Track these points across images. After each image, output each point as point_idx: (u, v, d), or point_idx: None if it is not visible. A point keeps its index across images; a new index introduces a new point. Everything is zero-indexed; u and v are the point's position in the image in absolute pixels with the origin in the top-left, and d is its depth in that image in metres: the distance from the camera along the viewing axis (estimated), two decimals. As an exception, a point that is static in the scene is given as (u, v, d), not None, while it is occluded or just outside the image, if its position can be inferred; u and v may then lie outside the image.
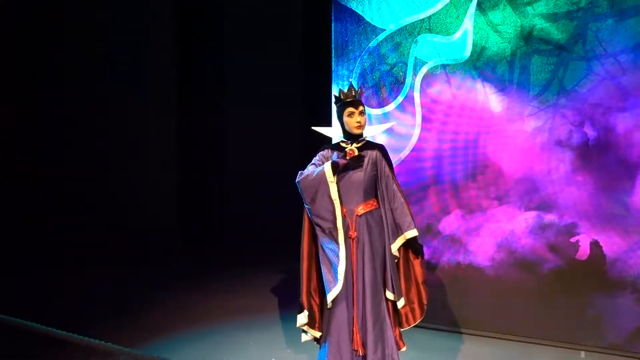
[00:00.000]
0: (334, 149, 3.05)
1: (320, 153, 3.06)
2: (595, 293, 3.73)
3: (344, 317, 2.88)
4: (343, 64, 4.39)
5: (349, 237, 2.90)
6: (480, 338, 4.04)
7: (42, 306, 4.79)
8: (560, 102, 3.76)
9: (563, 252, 3.82)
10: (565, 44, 3.72)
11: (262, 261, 6.33)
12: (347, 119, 2.94)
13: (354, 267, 2.89)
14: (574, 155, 3.76)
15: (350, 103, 2.92)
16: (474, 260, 4.08)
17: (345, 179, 2.93)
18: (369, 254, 2.91)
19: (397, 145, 4.21)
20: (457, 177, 4.08)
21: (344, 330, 2.88)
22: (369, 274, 2.89)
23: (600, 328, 3.73)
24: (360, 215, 2.93)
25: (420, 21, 4.12)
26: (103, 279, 5.85)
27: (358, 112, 2.93)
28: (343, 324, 2.88)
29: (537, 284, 3.90)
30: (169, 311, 4.77)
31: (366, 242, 2.92)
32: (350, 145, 2.94)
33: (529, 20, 3.80)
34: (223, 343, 4.01)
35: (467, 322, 4.13)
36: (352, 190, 2.94)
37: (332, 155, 3.02)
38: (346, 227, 2.91)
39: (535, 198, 3.89)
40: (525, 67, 3.83)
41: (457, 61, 4.03)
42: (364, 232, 2.92)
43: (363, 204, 2.95)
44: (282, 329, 4.31)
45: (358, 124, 2.92)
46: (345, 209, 2.92)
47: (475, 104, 4.00)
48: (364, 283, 2.89)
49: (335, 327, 2.89)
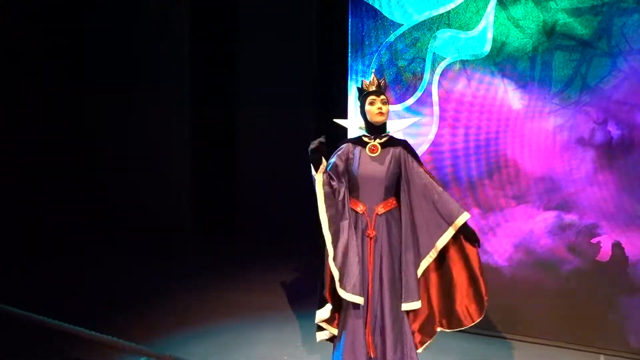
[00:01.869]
0: (356, 144, 2.92)
1: (343, 147, 2.92)
2: (616, 296, 3.65)
3: (360, 317, 2.81)
4: (359, 59, 4.33)
5: (367, 236, 2.82)
6: (497, 339, 3.97)
7: (55, 301, 4.79)
8: (583, 100, 3.66)
9: (583, 253, 3.73)
10: (589, 40, 3.62)
11: (274, 258, 6.29)
12: (368, 108, 2.85)
13: (370, 267, 2.81)
14: (596, 154, 3.67)
15: (372, 92, 2.85)
16: (491, 260, 4.00)
17: (366, 175, 2.84)
18: (388, 254, 2.83)
19: (413, 142, 4.12)
20: (475, 175, 4.00)
21: (359, 331, 2.81)
22: (388, 274, 2.81)
23: (622, 332, 3.65)
24: (380, 215, 2.84)
25: (439, 16, 4.04)
26: (112, 275, 5.85)
27: (380, 100, 2.83)
28: (358, 324, 2.81)
29: (556, 286, 3.81)
30: (180, 308, 4.74)
31: (384, 241, 2.83)
32: (374, 140, 2.87)
33: (552, 15, 3.71)
34: (235, 340, 3.98)
35: (483, 323, 4.03)
36: (373, 188, 2.85)
37: (354, 150, 2.89)
38: (364, 225, 2.83)
39: (555, 197, 3.80)
40: (547, 63, 3.74)
41: (476, 57, 3.95)
42: (383, 231, 2.83)
43: (384, 202, 2.86)
44: (294, 326, 4.27)
45: (379, 110, 2.82)
46: (365, 207, 2.84)
47: (494, 101, 3.91)
48: (381, 283, 2.81)
49: (350, 328, 2.82)
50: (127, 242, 6.85)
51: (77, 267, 6.07)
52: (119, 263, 6.31)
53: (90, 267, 6.12)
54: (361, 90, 2.91)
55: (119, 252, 6.68)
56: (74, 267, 6.08)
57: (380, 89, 2.87)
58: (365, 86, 2.88)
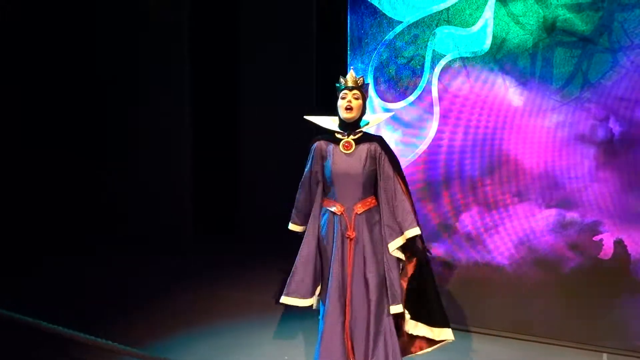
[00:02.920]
0: (328, 141, 2.84)
1: (314, 149, 2.86)
2: (619, 294, 3.62)
3: (337, 326, 2.71)
4: (359, 57, 4.30)
5: (346, 237, 2.73)
6: (499, 338, 3.94)
7: (51, 303, 4.77)
8: (584, 96, 3.63)
9: (585, 251, 3.70)
10: (589, 36, 3.59)
11: (275, 257, 6.25)
12: (339, 102, 2.77)
13: (349, 270, 2.72)
14: (597, 151, 3.64)
15: (346, 87, 2.76)
16: (492, 258, 3.97)
17: (340, 173, 2.74)
18: (372, 255, 2.74)
19: (414, 139, 4.12)
20: (476, 173, 3.97)
21: (336, 336, 2.71)
22: (374, 279, 2.72)
23: (624, 330, 3.62)
24: (359, 214, 2.75)
25: (438, 13, 4.00)
26: (112, 275, 5.83)
27: (351, 95, 2.73)
28: (335, 333, 2.71)
29: (558, 284, 3.78)
30: (180, 308, 4.71)
31: (367, 242, 2.74)
32: (347, 137, 2.78)
33: (552, 11, 3.67)
34: (235, 341, 3.96)
35: (485, 322, 4.03)
36: (350, 186, 2.75)
37: (327, 147, 2.82)
38: (343, 226, 2.74)
39: (556, 195, 3.77)
40: (547, 59, 3.71)
41: (476, 54, 3.91)
42: (364, 232, 2.74)
43: (362, 201, 2.77)
44: (295, 327, 4.25)
45: (348, 104, 2.71)
46: (343, 207, 2.75)
47: (495, 98, 3.88)
48: (367, 286, 2.72)
49: (327, 331, 2.73)
50: (126, 242, 6.83)
51: (76, 268, 6.05)
52: (119, 263, 6.29)
53: (90, 267, 6.11)
54: (337, 87, 2.83)
55: (118, 253, 6.66)
56: (72, 267, 6.07)
57: (356, 85, 2.76)
58: (342, 82, 2.79)
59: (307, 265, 2.82)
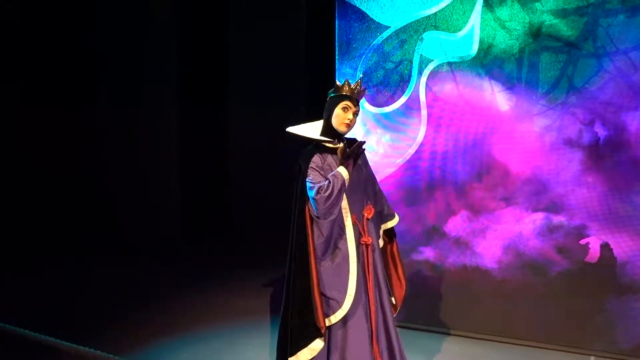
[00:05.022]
0: (322, 152, 2.65)
1: (314, 161, 2.61)
2: (605, 297, 3.64)
3: (364, 332, 2.60)
4: (347, 62, 4.31)
5: (362, 244, 2.66)
6: (487, 342, 3.95)
7: (36, 310, 4.71)
8: (570, 101, 3.66)
9: (572, 254, 3.72)
10: (575, 41, 3.62)
11: (265, 261, 6.24)
12: (338, 112, 2.60)
13: (369, 277, 2.65)
14: (583, 155, 3.66)
15: (349, 98, 2.60)
16: (480, 262, 3.98)
17: (352, 181, 2.63)
18: (379, 259, 2.75)
19: (401, 144, 4.12)
20: (463, 178, 3.99)
21: (364, 346, 2.58)
22: (384, 282, 2.74)
23: (611, 333, 3.64)
24: (369, 219, 2.72)
25: (425, 18, 4.03)
26: (101, 279, 5.78)
27: (353, 111, 2.61)
28: (363, 340, 2.59)
29: (546, 287, 3.80)
30: (169, 313, 4.68)
31: (376, 247, 2.74)
32: (339, 144, 2.67)
33: (538, 17, 3.71)
34: (224, 346, 3.93)
35: (473, 326, 4.04)
36: (359, 193, 2.70)
37: (325, 160, 2.63)
38: (357, 233, 2.66)
39: (543, 199, 3.79)
40: (533, 64, 3.74)
41: (463, 59, 3.94)
42: (373, 237, 2.72)
43: (367, 206, 2.75)
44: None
45: (349, 121, 2.60)
46: (355, 216, 2.66)
47: (482, 103, 3.91)
48: (380, 292, 2.70)
49: (353, 345, 2.57)
50: (114, 245, 6.77)
51: (62, 272, 5.99)
52: (107, 267, 6.24)
53: (77, 271, 6.05)
54: (339, 88, 2.64)
55: (106, 256, 6.61)
56: (59, 271, 6.01)
57: (359, 97, 2.66)
58: (347, 87, 2.62)
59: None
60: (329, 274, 2.57)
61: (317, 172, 2.58)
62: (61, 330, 3.95)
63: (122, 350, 3.67)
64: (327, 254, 2.59)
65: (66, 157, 7.03)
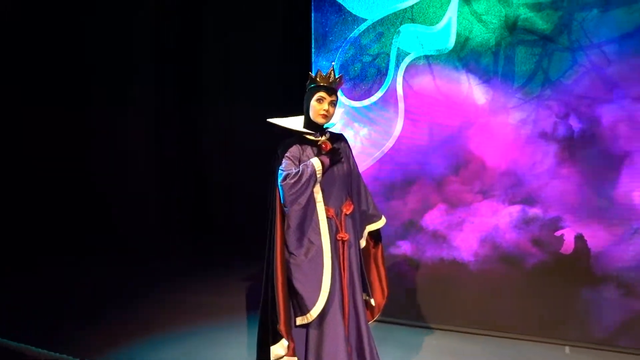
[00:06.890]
0: (302, 144, 2.65)
1: (291, 151, 2.60)
2: (580, 287, 3.69)
3: (340, 330, 2.55)
4: (323, 55, 4.27)
5: (338, 240, 2.63)
6: (464, 335, 3.97)
7: (9, 315, 4.57)
8: (545, 94, 3.69)
9: (547, 246, 3.76)
10: (550, 35, 3.65)
11: (244, 259, 6.18)
12: (314, 104, 2.59)
13: (344, 273, 2.62)
14: (558, 148, 3.70)
15: (324, 88, 2.58)
16: (457, 255, 4.00)
17: (328, 176, 2.61)
18: (355, 257, 2.70)
19: (379, 138, 4.11)
20: (441, 171, 3.99)
21: (341, 347, 2.53)
22: (359, 280, 2.69)
23: (585, 323, 3.69)
24: (347, 215, 2.69)
25: (402, 11, 4.01)
26: (78, 280, 5.64)
27: (329, 101, 2.58)
28: (339, 338, 2.53)
29: (522, 279, 3.83)
30: (147, 312, 4.58)
31: (353, 244, 2.69)
32: (321, 137, 2.68)
33: (514, 10, 3.72)
34: (203, 344, 3.85)
35: (450, 319, 4.06)
36: (337, 188, 2.66)
37: (304, 152, 2.62)
38: (334, 229, 2.63)
39: (519, 192, 3.82)
40: (509, 58, 3.76)
41: (440, 52, 3.93)
42: (351, 233, 2.68)
43: (347, 202, 2.71)
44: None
45: (325, 112, 2.58)
46: (332, 210, 2.64)
47: (459, 96, 3.91)
48: (354, 290, 2.66)
49: (330, 346, 2.52)
50: (92, 246, 6.66)
51: (39, 274, 5.84)
52: (84, 268, 6.12)
53: (53, 272, 5.91)
54: (313, 79, 2.61)
55: (84, 257, 6.48)
56: (35, 273, 5.86)
57: (334, 87, 2.61)
58: (320, 78, 2.58)
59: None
60: (303, 269, 2.52)
61: (291, 162, 2.58)
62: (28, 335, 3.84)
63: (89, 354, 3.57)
64: (301, 249, 2.54)
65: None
